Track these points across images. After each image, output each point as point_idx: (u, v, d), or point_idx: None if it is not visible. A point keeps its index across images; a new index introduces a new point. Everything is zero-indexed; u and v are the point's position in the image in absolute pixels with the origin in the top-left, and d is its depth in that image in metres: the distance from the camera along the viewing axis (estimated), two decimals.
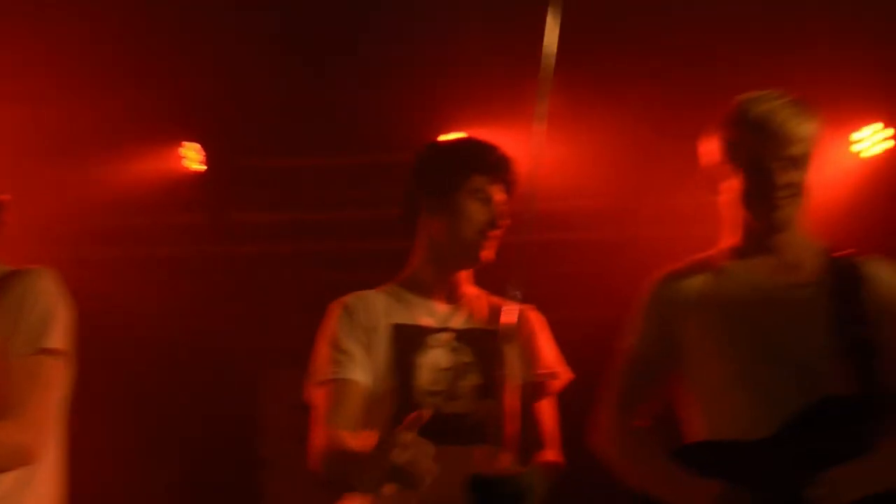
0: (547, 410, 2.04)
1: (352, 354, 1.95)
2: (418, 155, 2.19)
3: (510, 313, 1.87)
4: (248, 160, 4.33)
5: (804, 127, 1.92)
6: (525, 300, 1.92)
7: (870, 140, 4.11)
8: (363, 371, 1.94)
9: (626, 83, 3.78)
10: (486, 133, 3.87)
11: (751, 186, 1.94)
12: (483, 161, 2.07)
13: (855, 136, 4.14)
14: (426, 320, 2.03)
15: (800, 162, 1.92)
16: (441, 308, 2.07)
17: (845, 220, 4.14)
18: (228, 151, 4.24)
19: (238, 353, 4.97)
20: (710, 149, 2.04)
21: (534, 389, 2.02)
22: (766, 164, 1.90)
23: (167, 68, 3.80)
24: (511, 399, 1.84)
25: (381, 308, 2.03)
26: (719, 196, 2.05)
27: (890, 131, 4.08)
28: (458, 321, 2.05)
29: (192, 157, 4.22)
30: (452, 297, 2.09)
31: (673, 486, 1.85)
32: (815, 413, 1.77)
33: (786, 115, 1.91)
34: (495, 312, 1.93)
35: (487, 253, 2.05)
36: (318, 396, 1.95)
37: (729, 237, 2.06)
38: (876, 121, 4.09)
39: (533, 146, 1.81)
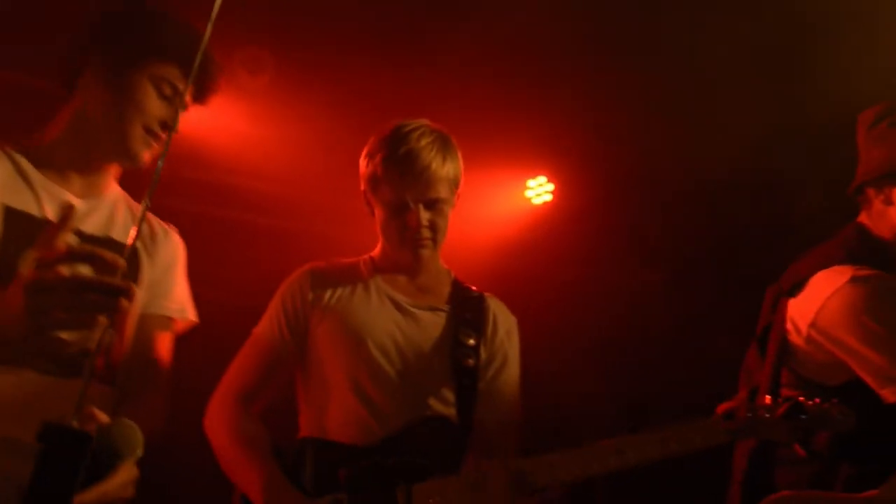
0: (163, 349, 1.78)
1: None
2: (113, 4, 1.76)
3: (161, 231, 1.77)
4: None
5: (448, 168, 2.01)
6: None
7: (535, 190, 4.61)
8: None
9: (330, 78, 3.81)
10: None
11: (393, 222, 2.01)
12: (182, 49, 1.69)
13: (530, 182, 4.61)
14: (51, 211, 1.62)
15: (442, 203, 2.02)
16: (76, 202, 1.66)
17: (514, 254, 4.59)
18: None
19: None
20: (364, 172, 2.07)
21: (154, 323, 1.77)
22: (410, 204, 1.98)
23: None
24: (128, 330, 1.68)
25: None
26: (370, 212, 2.12)
27: (552, 186, 4.60)
28: (89, 224, 1.68)
29: None
30: (89, 192, 1.70)
31: (254, 483, 1.84)
32: (416, 429, 1.89)
33: (431, 157, 1.98)
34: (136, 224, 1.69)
35: (148, 156, 1.72)
36: None
37: (376, 248, 2.15)
38: (542, 173, 4.58)
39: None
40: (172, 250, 1.83)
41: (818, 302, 1.93)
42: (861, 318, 1.86)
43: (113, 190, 1.78)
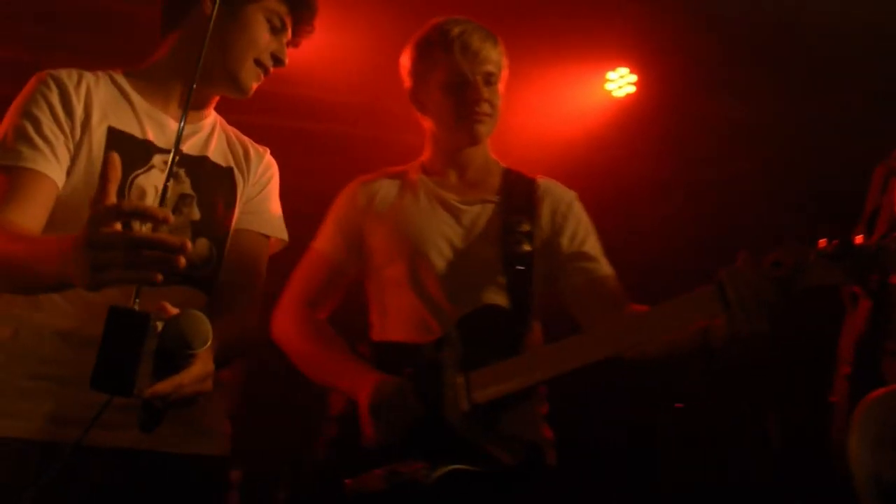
0: (257, 263, 1.82)
1: (51, 144, 1.55)
2: None
3: (254, 153, 1.83)
4: None
5: (499, 51, 2.06)
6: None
7: (618, 82, 4.39)
8: (59, 169, 1.56)
9: None
10: None
11: (450, 101, 2.02)
12: None
13: (609, 75, 4.40)
14: (153, 134, 1.67)
15: (497, 81, 2.05)
16: (173, 125, 1.70)
17: (596, 150, 4.46)
18: None
19: None
20: (411, 65, 2.10)
21: (248, 239, 1.80)
22: (469, 77, 2.00)
23: None
24: (228, 243, 1.74)
25: (100, 100, 1.64)
26: (417, 112, 2.14)
27: (634, 77, 4.37)
28: (190, 146, 1.73)
29: None
30: (190, 117, 1.70)
31: (339, 372, 1.92)
32: (471, 320, 1.90)
33: (485, 36, 2.04)
34: (234, 147, 1.82)
35: (255, 85, 1.76)
36: None
37: (424, 152, 2.17)
38: (624, 65, 4.35)
39: None
40: (265, 170, 1.87)
41: None
42: None
43: (211, 115, 1.84)
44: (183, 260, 1.20)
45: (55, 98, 1.59)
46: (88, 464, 1.47)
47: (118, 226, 1.20)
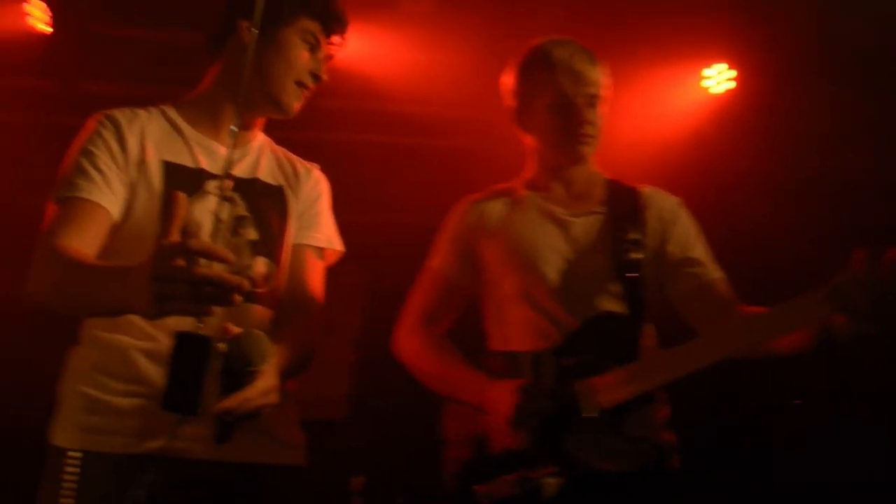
0: (314, 276, 1.88)
1: (106, 177, 1.64)
2: None
3: (303, 170, 1.90)
4: (98, 26, 4.07)
5: (599, 71, 2.11)
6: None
7: (716, 79, 4.33)
8: (114, 200, 1.64)
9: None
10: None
11: (555, 122, 2.08)
12: (323, 5, 1.83)
13: (706, 72, 4.35)
14: (205, 161, 1.75)
15: (600, 102, 2.10)
16: (223, 151, 1.77)
17: (691, 148, 4.41)
18: (77, 15, 3.97)
19: None
20: (515, 85, 2.16)
21: (304, 253, 1.87)
22: (574, 101, 2.06)
23: None
24: (285, 259, 1.82)
25: (153, 135, 1.73)
26: (520, 130, 2.20)
27: (733, 72, 4.31)
28: (240, 169, 1.81)
29: (38, 16, 3.94)
30: (238, 141, 1.81)
31: (465, 385, 2.00)
32: (589, 328, 1.95)
33: (588, 58, 2.10)
34: (283, 166, 1.90)
35: (298, 105, 1.84)
36: (50, 214, 1.63)
37: (527, 169, 2.23)
38: (722, 61, 4.29)
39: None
40: (315, 185, 1.93)
41: None
42: None
43: (258, 137, 1.91)
44: (239, 298, 1.28)
45: (110, 135, 1.69)
46: (175, 474, 1.57)
47: (181, 261, 1.26)
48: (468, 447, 1.93)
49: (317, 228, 1.89)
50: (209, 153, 1.78)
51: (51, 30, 3.96)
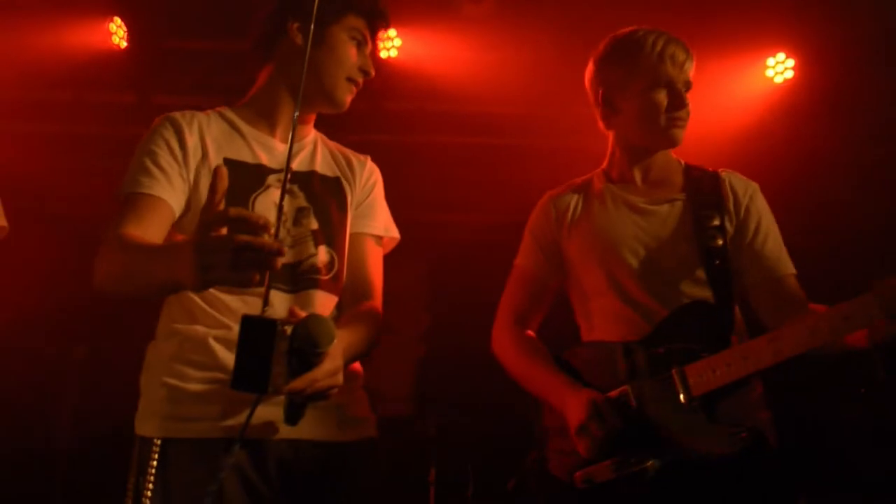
0: (373, 263, 1.95)
1: (167, 173, 1.72)
2: None
3: (356, 161, 1.97)
4: (172, 41, 4.22)
5: (691, 59, 2.11)
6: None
7: (776, 68, 4.31)
8: (174, 195, 1.72)
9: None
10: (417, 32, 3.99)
11: (651, 108, 2.07)
12: (368, 2, 1.91)
13: (769, 61, 4.32)
14: (264, 158, 1.84)
15: (690, 89, 2.10)
16: (280, 147, 1.87)
17: (756, 137, 4.38)
18: (153, 30, 4.13)
19: None
20: (603, 74, 2.16)
21: (363, 241, 1.94)
22: (676, 86, 2.06)
23: None
24: (346, 247, 1.88)
25: (213, 135, 1.82)
26: (604, 119, 2.20)
27: (792, 61, 4.28)
28: (298, 163, 1.89)
29: (119, 34, 4.10)
30: (295, 136, 1.90)
31: (547, 389, 2.04)
32: (678, 316, 1.96)
33: (681, 45, 2.10)
34: (337, 158, 1.96)
35: (349, 99, 1.92)
36: (116, 209, 1.71)
37: (604, 161, 2.25)
38: (781, 50, 4.27)
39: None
40: (369, 176, 2.00)
41: None
42: None
43: (312, 132, 1.99)
44: (279, 262, 1.30)
45: (170, 135, 1.77)
46: (256, 455, 1.64)
47: (224, 231, 1.30)
48: (568, 436, 1.95)
49: (374, 217, 1.97)
50: (268, 149, 1.85)
51: (126, 44, 4.12)
